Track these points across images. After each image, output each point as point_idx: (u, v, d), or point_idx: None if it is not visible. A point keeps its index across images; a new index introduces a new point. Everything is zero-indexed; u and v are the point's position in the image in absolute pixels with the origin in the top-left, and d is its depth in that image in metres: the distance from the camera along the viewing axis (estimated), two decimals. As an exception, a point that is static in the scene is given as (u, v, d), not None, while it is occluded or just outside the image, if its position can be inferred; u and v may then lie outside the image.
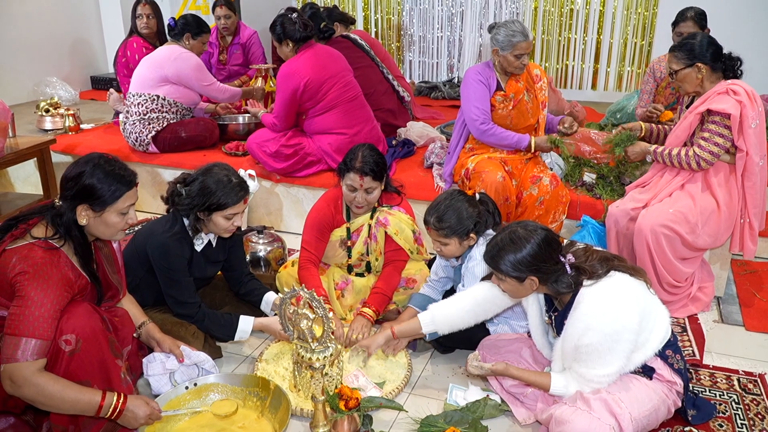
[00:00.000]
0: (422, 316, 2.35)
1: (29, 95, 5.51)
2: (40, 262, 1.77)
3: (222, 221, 2.36)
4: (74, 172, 1.86)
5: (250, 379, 2.22)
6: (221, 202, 2.31)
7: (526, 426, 2.17)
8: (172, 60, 3.91)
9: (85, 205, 1.85)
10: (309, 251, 2.74)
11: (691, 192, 2.80)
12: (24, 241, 1.81)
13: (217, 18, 5.05)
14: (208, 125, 4.12)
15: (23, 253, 1.78)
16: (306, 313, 2.04)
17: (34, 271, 1.75)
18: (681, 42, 2.79)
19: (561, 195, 3.10)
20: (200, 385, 2.19)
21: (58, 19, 5.81)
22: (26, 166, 4.27)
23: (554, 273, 1.96)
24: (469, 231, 2.39)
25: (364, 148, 2.63)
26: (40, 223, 1.87)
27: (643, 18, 6.03)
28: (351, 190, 2.63)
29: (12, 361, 1.71)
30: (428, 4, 6.79)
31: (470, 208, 2.40)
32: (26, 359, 1.71)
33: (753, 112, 2.64)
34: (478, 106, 3.10)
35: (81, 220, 1.86)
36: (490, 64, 3.17)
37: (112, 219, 1.90)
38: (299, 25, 3.46)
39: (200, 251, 2.48)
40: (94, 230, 1.92)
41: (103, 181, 1.85)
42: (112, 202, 1.87)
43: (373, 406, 2.17)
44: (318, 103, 3.54)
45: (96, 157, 1.90)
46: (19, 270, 1.75)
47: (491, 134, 3.11)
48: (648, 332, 1.96)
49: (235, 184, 2.35)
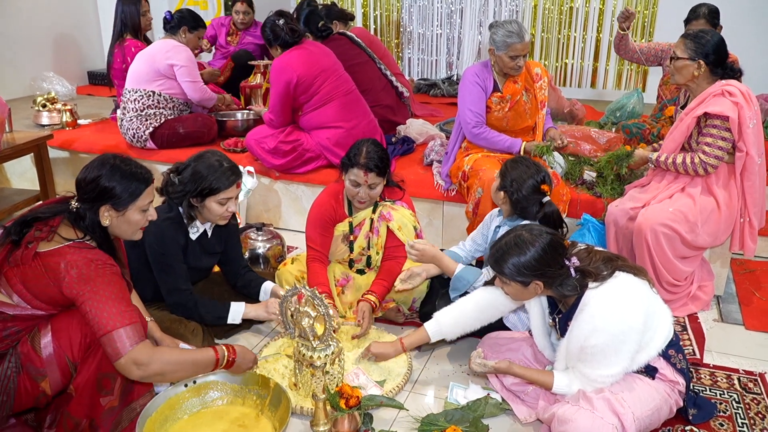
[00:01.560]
0: (428, 325, 2.35)
1: (26, 90, 5.48)
2: (92, 261, 1.79)
3: (216, 207, 2.36)
4: (92, 174, 1.86)
5: (249, 377, 2.21)
6: (213, 187, 2.32)
7: (527, 424, 2.17)
8: (164, 52, 3.90)
9: (107, 206, 1.87)
10: (314, 248, 2.72)
11: (691, 193, 2.79)
12: (57, 244, 1.81)
13: (236, 12, 5.32)
14: (206, 121, 4.10)
15: (69, 258, 1.78)
16: (307, 311, 2.03)
17: (89, 271, 1.77)
18: (696, 32, 2.75)
19: (562, 193, 3.09)
20: (199, 383, 2.17)
21: (55, 14, 5.78)
22: (23, 161, 4.25)
23: (559, 277, 1.95)
24: (505, 188, 2.42)
25: (369, 144, 2.62)
26: (63, 223, 1.86)
27: (643, 16, 6.03)
28: (354, 186, 2.62)
29: (119, 357, 1.74)
30: (427, 1, 6.77)
31: (531, 189, 2.38)
32: (131, 347, 1.75)
33: (750, 112, 2.64)
34: (471, 109, 3.11)
35: (104, 221, 1.87)
36: (488, 64, 3.16)
37: (134, 217, 1.92)
38: (286, 31, 3.48)
39: (195, 240, 2.48)
40: (117, 229, 1.93)
41: (123, 181, 1.87)
42: (133, 201, 1.89)
43: (374, 404, 2.16)
44: (312, 96, 3.53)
45: (111, 158, 1.91)
46: (75, 276, 1.76)
47: (483, 138, 3.13)
48: (652, 332, 1.96)
49: (227, 169, 2.36)
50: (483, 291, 2.31)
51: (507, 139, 3.11)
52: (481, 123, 3.12)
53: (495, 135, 3.11)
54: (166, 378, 1.89)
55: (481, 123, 3.12)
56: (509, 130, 3.21)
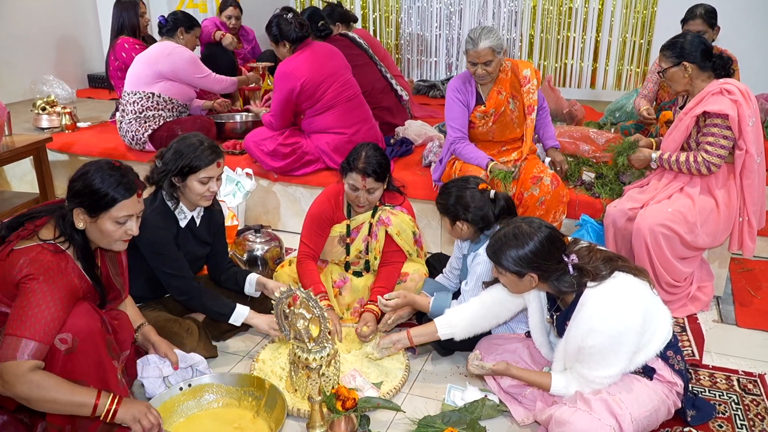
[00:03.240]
0: (439, 320, 2.33)
1: (26, 93, 5.49)
2: (48, 266, 1.76)
3: (197, 185, 2.39)
4: (78, 173, 1.85)
5: (245, 378, 2.21)
6: (193, 165, 2.36)
7: (525, 426, 2.16)
8: (166, 55, 3.90)
9: (81, 209, 1.84)
10: (307, 245, 2.73)
11: (689, 193, 2.78)
12: (32, 242, 1.80)
13: (228, 17, 5.29)
14: (205, 123, 4.09)
15: (31, 256, 1.76)
16: (302, 312, 2.03)
17: (41, 275, 1.74)
18: (670, 41, 2.79)
19: (562, 195, 3.08)
20: (195, 386, 2.17)
21: (54, 17, 5.79)
22: (22, 164, 4.25)
23: (556, 272, 1.95)
24: (458, 217, 2.42)
25: (368, 148, 2.61)
26: (49, 223, 1.85)
27: (642, 16, 6.02)
28: (353, 190, 2.61)
29: (9, 359, 1.68)
30: (426, 3, 6.77)
31: (477, 197, 2.40)
32: (23, 359, 1.69)
33: (749, 110, 2.63)
34: (452, 125, 3.15)
35: (78, 223, 1.84)
36: (469, 74, 3.11)
37: (106, 226, 1.86)
38: (295, 25, 3.45)
39: (186, 227, 2.50)
40: (92, 236, 1.89)
41: (100, 185, 1.83)
42: (105, 209, 1.84)
43: (371, 406, 2.16)
44: (316, 103, 3.52)
45: (102, 162, 1.89)
46: (26, 273, 1.74)
47: (458, 153, 3.16)
48: (651, 333, 1.95)
49: (206, 147, 2.40)
50: (488, 291, 2.31)
51: (478, 156, 3.09)
52: (462, 138, 3.13)
53: (468, 152, 3.11)
54: (32, 405, 1.74)
55: (461, 138, 3.13)
56: (496, 141, 3.20)
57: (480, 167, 3.06)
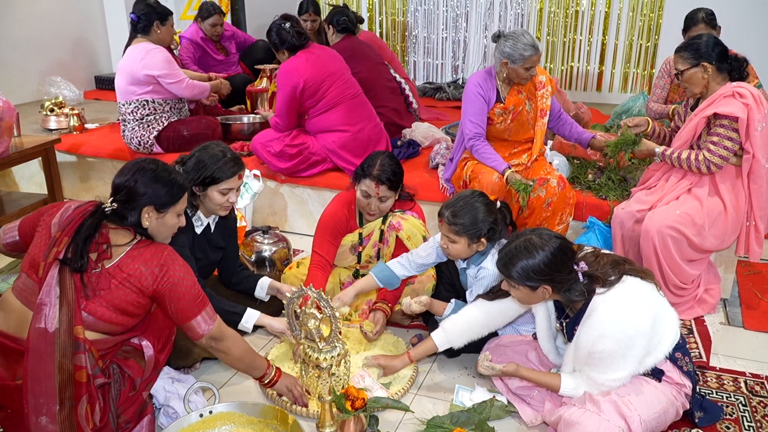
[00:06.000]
0: (435, 335, 2.32)
1: (34, 95, 5.51)
2: (160, 253, 1.88)
3: (217, 196, 2.40)
4: (134, 178, 1.90)
5: (268, 410, 2.11)
6: (215, 176, 2.37)
7: (533, 427, 2.17)
8: (139, 60, 3.79)
9: (150, 207, 1.90)
10: (320, 255, 2.67)
11: (697, 195, 2.79)
12: (118, 256, 1.85)
13: (213, 25, 5.07)
14: (210, 123, 4.10)
15: (144, 257, 1.86)
16: (313, 312, 2.04)
17: (164, 263, 1.87)
18: (687, 42, 2.78)
19: (568, 197, 3.09)
20: (215, 413, 2.10)
21: (62, 19, 5.81)
22: (31, 165, 4.27)
23: (567, 282, 1.94)
24: (481, 235, 2.34)
25: (384, 156, 2.61)
26: (113, 231, 1.88)
27: (649, 19, 6.02)
28: (365, 196, 2.61)
29: (200, 338, 1.95)
30: (433, 5, 6.78)
31: (487, 212, 2.35)
32: (208, 329, 1.95)
33: (759, 115, 2.63)
34: (472, 120, 3.09)
35: (145, 222, 1.91)
36: (492, 72, 3.11)
37: (172, 220, 1.98)
38: (292, 34, 3.49)
39: (201, 233, 2.51)
40: (154, 231, 1.96)
41: (166, 184, 1.92)
42: (173, 203, 1.96)
43: (380, 406, 2.17)
44: (319, 101, 3.54)
45: (150, 162, 1.96)
46: (156, 274, 1.85)
47: (476, 151, 3.11)
48: (660, 335, 1.96)
49: (229, 159, 2.41)
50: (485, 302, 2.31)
51: (495, 159, 3.05)
52: (480, 135, 3.09)
53: (487, 152, 3.07)
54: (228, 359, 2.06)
55: (479, 135, 3.09)
56: (511, 140, 3.20)
57: (496, 170, 3.03)
